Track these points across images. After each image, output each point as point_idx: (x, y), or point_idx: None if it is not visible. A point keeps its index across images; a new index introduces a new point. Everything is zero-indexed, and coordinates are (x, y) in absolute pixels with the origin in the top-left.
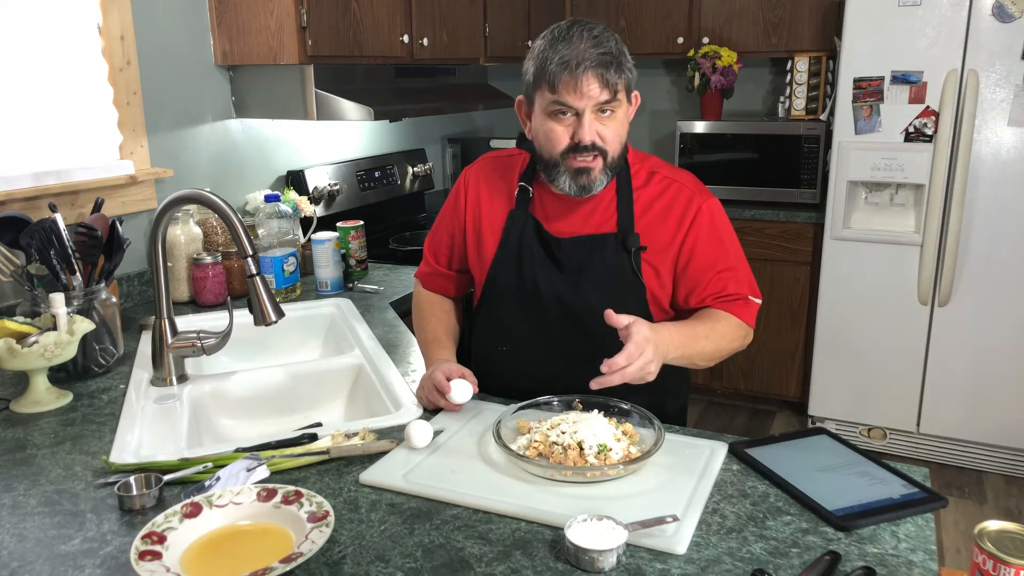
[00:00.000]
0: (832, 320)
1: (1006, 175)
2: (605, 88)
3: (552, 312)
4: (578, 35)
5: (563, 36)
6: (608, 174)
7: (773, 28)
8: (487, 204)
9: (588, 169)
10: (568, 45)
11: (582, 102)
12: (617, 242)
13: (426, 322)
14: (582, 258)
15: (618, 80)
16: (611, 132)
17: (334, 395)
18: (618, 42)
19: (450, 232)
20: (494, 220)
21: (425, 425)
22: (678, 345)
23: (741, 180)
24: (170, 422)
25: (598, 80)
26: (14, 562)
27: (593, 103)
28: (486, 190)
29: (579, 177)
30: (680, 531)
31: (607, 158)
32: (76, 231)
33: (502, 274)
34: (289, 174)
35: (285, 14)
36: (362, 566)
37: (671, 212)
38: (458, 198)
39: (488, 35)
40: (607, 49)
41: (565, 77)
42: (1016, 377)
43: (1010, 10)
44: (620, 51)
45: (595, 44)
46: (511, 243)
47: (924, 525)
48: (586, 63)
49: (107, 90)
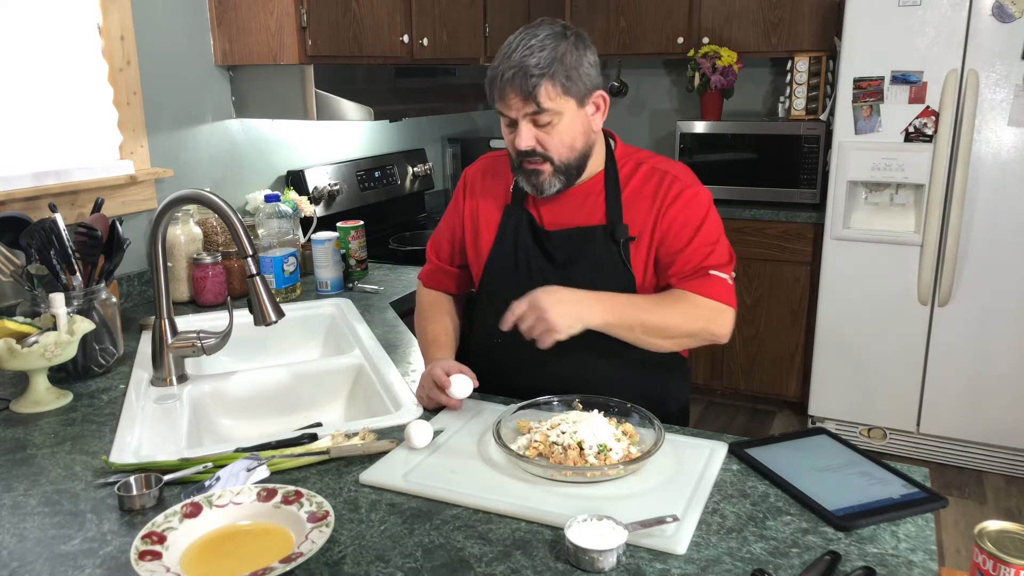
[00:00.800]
0: (832, 320)
1: (1006, 175)
2: (527, 101)
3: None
4: (517, 44)
5: (508, 45)
6: (560, 178)
7: (773, 28)
8: (484, 200)
9: (538, 172)
10: (504, 56)
11: (511, 112)
12: (605, 234)
13: (427, 323)
14: (572, 250)
15: (540, 90)
16: (553, 139)
17: (334, 395)
18: (566, 45)
19: (451, 229)
20: (491, 215)
21: (425, 425)
22: (607, 308)
23: (741, 180)
24: (170, 422)
25: (516, 94)
26: (14, 562)
27: (521, 113)
28: (484, 187)
29: (531, 178)
30: (680, 531)
31: (554, 162)
32: (76, 231)
33: (497, 267)
34: (289, 174)
35: (285, 14)
36: (362, 566)
37: (655, 196)
38: (458, 196)
39: (488, 35)
40: (536, 61)
41: (496, 88)
42: (1016, 377)
43: (1010, 10)
44: (554, 59)
45: (526, 54)
46: (507, 237)
47: (924, 525)
48: (507, 76)
49: (107, 90)
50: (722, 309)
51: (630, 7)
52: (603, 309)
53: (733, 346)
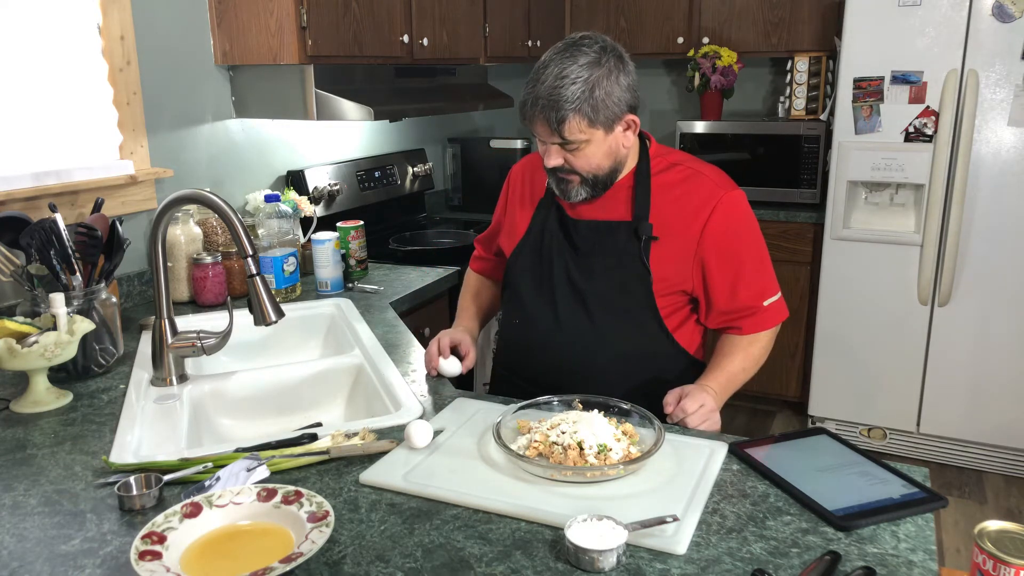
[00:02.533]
0: (832, 320)
1: (1006, 175)
2: (553, 133)
3: (561, 290)
4: (549, 69)
5: (542, 65)
6: (588, 189)
7: (773, 28)
8: (523, 196)
9: (567, 181)
10: (536, 79)
11: (540, 137)
12: (629, 230)
13: (463, 295)
14: (596, 241)
15: (565, 126)
16: (580, 161)
17: (334, 395)
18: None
19: (496, 222)
20: (526, 209)
21: (425, 425)
22: (723, 391)
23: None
24: (170, 422)
25: (544, 126)
26: (14, 562)
27: (548, 140)
28: (524, 183)
29: (560, 184)
30: (680, 531)
31: (583, 176)
32: (76, 231)
33: (524, 254)
34: (289, 174)
35: (285, 14)
36: (362, 566)
37: (689, 201)
38: (503, 193)
39: (488, 35)
40: (557, 96)
41: (524, 112)
42: (1016, 377)
43: (1010, 10)
44: (582, 94)
45: (558, 85)
46: (536, 227)
47: (924, 525)
48: (536, 107)
49: (107, 90)
50: (775, 332)
51: (630, 7)
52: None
53: None
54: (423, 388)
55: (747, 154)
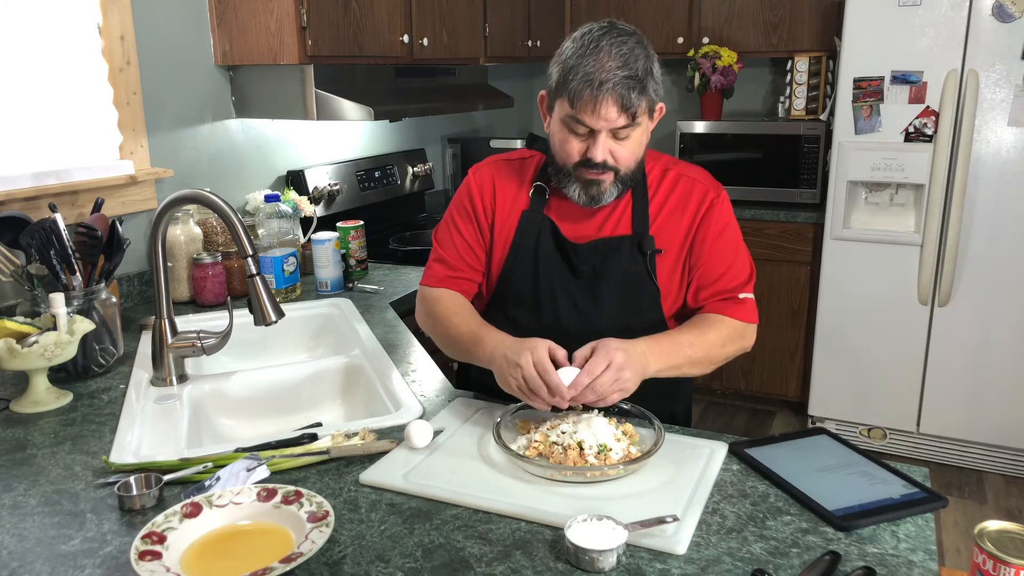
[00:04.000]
0: (832, 320)
1: (1006, 175)
2: (623, 113)
3: (567, 316)
4: (607, 50)
5: (592, 48)
6: (619, 187)
7: (773, 28)
8: (500, 204)
9: (599, 182)
10: (595, 61)
11: (599, 123)
12: (632, 245)
13: (469, 313)
14: (598, 263)
15: (639, 104)
16: (626, 151)
17: (334, 395)
18: (648, 59)
19: (471, 233)
20: (507, 220)
21: (425, 425)
22: (659, 356)
23: (741, 180)
24: (170, 422)
25: (617, 105)
26: (14, 562)
27: (610, 126)
28: (498, 190)
29: (589, 188)
30: (680, 531)
31: (619, 173)
32: (76, 231)
33: (517, 276)
34: (289, 174)
35: (285, 14)
36: (362, 566)
37: (685, 208)
38: (472, 201)
39: (488, 35)
40: (632, 72)
41: (585, 96)
42: (1016, 377)
43: (1010, 10)
44: (647, 71)
45: (622, 64)
46: (526, 245)
47: (924, 525)
48: (607, 86)
49: (107, 90)
50: (750, 326)
51: (630, 7)
52: (656, 359)
53: None
54: (423, 388)
55: (747, 154)
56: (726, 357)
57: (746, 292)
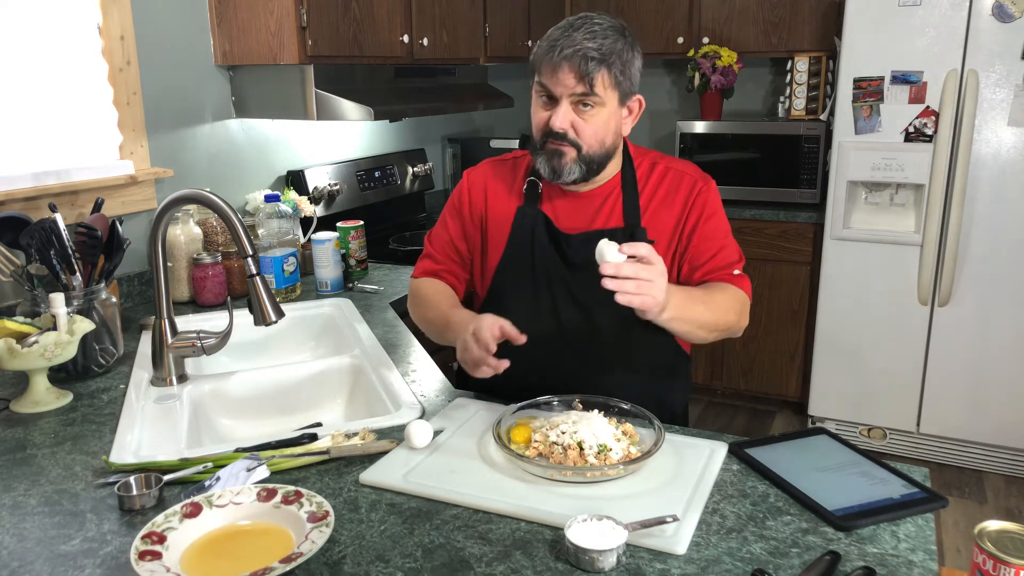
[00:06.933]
0: (832, 320)
1: (1006, 175)
2: (580, 81)
3: (564, 310)
4: (581, 25)
5: (569, 24)
6: (582, 167)
7: (773, 28)
8: (493, 202)
9: (561, 153)
10: (566, 33)
11: (558, 88)
12: (625, 236)
13: (441, 299)
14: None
15: (597, 75)
16: (588, 128)
17: (334, 395)
18: (624, 45)
19: (457, 232)
20: (501, 217)
21: (425, 425)
22: (677, 303)
23: (741, 180)
24: (170, 422)
25: (574, 71)
26: (14, 562)
27: (568, 92)
28: (491, 189)
29: (552, 159)
30: (680, 531)
31: (581, 151)
32: (76, 231)
33: (512, 271)
34: (289, 174)
35: (285, 14)
36: (362, 566)
37: (675, 198)
38: (461, 200)
39: (488, 35)
40: (599, 45)
41: (547, 60)
42: (1016, 377)
43: (1010, 10)
44: (615, 52)
45: (590, 37)
46: (522, 238)
47: (924, 525)
48: (568, 51)
49: (107, 90)
50: (747, 302)
51: (630, 7)
52: (675, 302)
53: (733, 346)
54: (423, 388)
55: (747, 154)
56: (728, 327)
57: (739, 270)
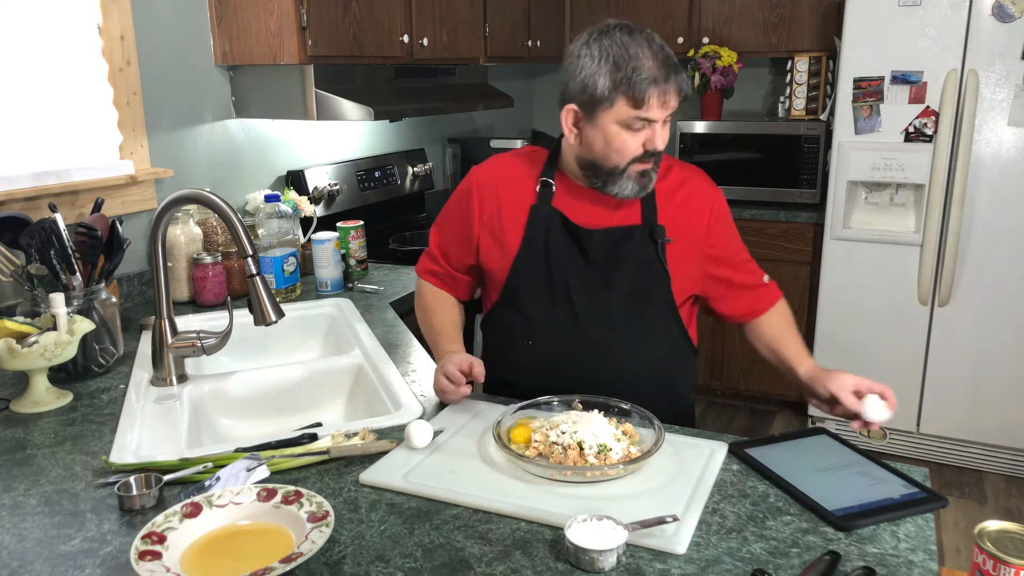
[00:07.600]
0: (832, 320)
1: (1006, 175)
2: (680, 98)
3: (581, 304)
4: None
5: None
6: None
7: (773, 28)
8: (506, 201)
9: (649, 172)
10: (642, 60)
11: (663, 113)
12: (644, 233)
13: (433, 315)
14: (610, 250)
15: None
16: (667, 137)
17: (334, 395)
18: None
19: (463, 234)
20: (515, 217)
21: (425, 425)
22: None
23: (741, 180)
24: (170, 422)
25: (678, 93)
26: (14, 562)
27: (667, 114)
28: (503, 188)
29: (642, 179)
30: (680, 531)
31: (658, 159)
32: (76, 231)
33: (528, 268)
34: (289, 174)
35: (285, 14)
36: (362, 566)
37: (693, 203)
38: (470, 198)
39: (488, 35)
40: (670, 56)
41: (655, 94)
42: (1016, 377)
43: (1010, 10)
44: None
45: (666, 57)
46: (536, 237)
47: (924, 525)
48: (671, 77)
49: (107, 90)
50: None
51: (630, 7)
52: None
53: (733, 346)
54: (423, 388)
55: (747, 154)
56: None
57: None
